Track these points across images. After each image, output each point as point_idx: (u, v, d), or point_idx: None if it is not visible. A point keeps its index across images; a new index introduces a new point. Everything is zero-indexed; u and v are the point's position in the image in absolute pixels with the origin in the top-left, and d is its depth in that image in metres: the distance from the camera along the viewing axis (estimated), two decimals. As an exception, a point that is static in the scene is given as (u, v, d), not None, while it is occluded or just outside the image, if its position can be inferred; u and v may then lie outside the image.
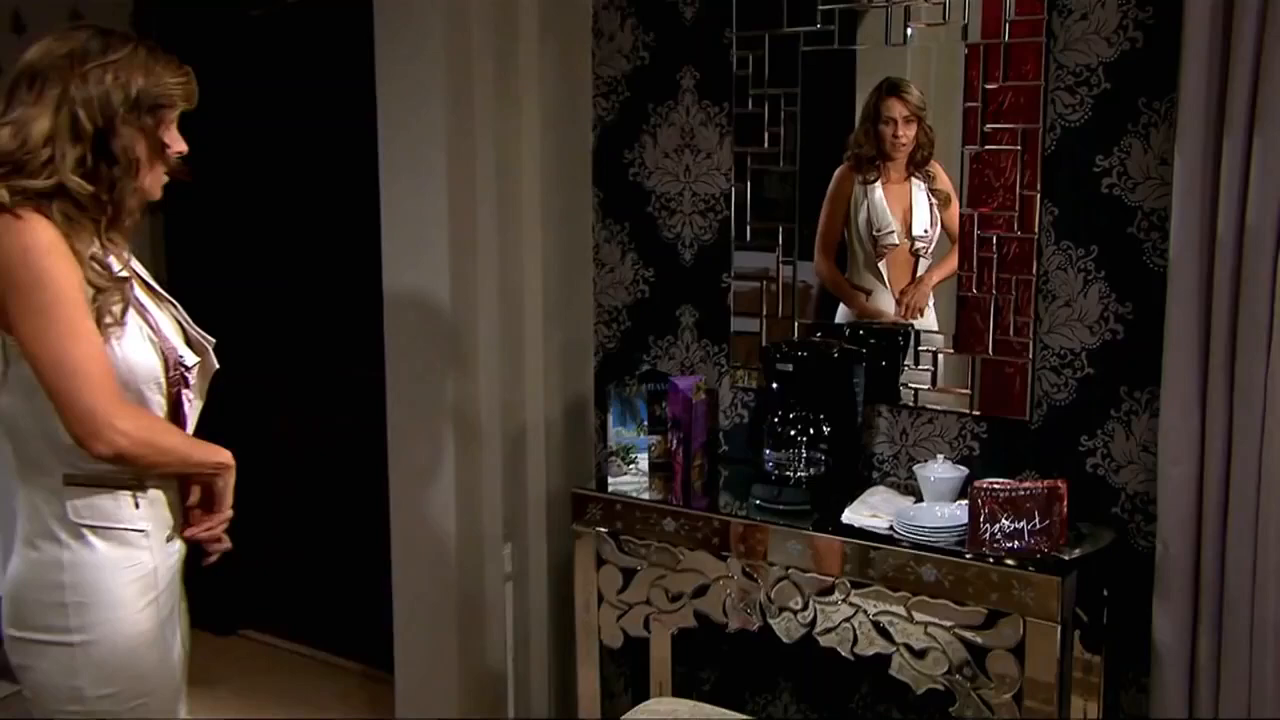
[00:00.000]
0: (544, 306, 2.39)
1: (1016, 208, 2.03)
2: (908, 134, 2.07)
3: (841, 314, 2.25)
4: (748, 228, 2.33)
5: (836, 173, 2.18)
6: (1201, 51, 1.73)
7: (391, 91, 2.22)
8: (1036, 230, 2.02)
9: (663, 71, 2.38)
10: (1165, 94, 1.89)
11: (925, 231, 2.12)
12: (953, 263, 2.09)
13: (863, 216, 2.14)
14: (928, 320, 2.17)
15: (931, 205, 2.11)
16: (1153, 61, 1.90)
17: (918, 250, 2.13)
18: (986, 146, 2.03)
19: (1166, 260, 1.84)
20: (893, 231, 2.13)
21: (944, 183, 2.08)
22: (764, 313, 2.33)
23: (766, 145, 2.28)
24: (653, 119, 2.43)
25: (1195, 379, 1.80)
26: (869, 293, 2.20)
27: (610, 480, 2.19)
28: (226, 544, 1.56)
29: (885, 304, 2.19)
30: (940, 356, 2.15)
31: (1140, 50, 1.92)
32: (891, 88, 2.09)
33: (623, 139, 2.46)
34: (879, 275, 2.17)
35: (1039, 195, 2.01)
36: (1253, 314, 1.72)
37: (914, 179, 2.11)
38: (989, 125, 2.04)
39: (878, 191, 2.12)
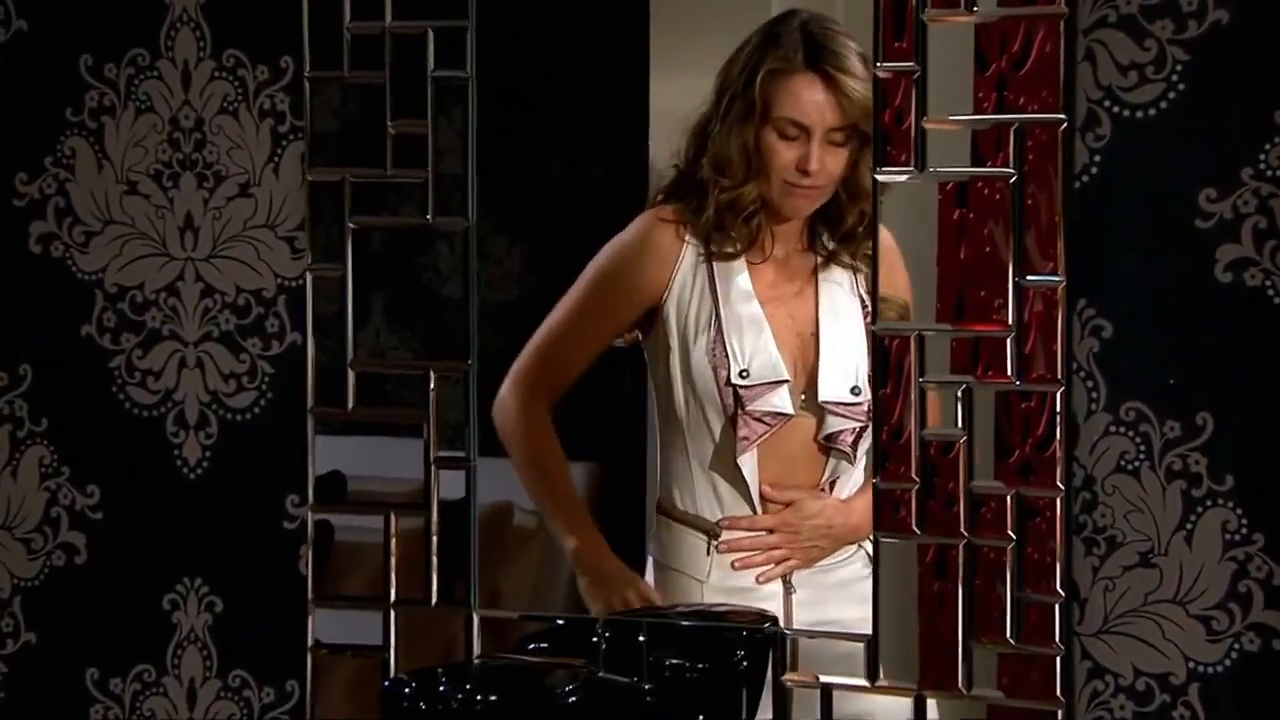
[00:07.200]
0: None
1: (1009, 317, 1.70)
2: (832, 167, 1.76)
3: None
4: (350, 377, 1.97)
5: (633, 230, 1.87)
6: None
7: None
8: (1062, 372, 1.70)
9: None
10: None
11: (855, 390, 1.81)
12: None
13: (701, 346, 1.84)
14: (825, 603, 1.83)
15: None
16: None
17: (835, 438, 1.81)
18: (932, 169, 1.76)
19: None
20: (784, 380, 1.82)
21: (895, 271, 1.80)
22: (393, 595, 1.98)
23: (391, 165, 1.91)
24: (91, 97, 2.09)
25: None
26: (713, 538, 1.86)
27: None
28: None
29: (740, 572, 1.89)
30: (847, 700, 1.84)
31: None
32: (811, 50, 1.74)
33: (10, 153, 2.14)
34: (739, 483, 1.81)
35: (1063, 286, 1.68)
36: None
37: (823, 259, 1.83)
38: (939, 117, 1.75)
39: (740, 283, 1.82)
